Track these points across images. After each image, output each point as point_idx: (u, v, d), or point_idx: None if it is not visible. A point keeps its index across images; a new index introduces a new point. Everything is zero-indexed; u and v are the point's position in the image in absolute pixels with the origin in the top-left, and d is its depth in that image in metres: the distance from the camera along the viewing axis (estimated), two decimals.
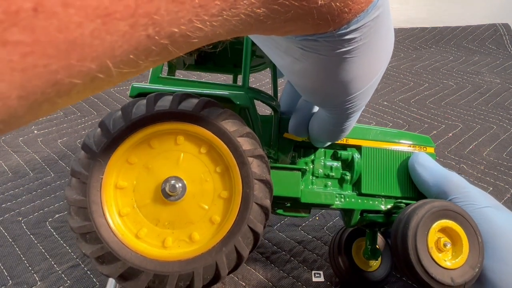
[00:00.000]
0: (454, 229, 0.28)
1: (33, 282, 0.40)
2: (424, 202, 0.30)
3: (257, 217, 0.26)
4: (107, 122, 0.26)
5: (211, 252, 0.25)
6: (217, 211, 0.26)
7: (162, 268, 0.24)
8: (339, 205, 0.34)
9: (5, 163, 0.56)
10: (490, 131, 0.70)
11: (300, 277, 0.41)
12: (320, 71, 0.22)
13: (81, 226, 0.25)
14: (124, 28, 0.12)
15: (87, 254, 0.25)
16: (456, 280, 0.27)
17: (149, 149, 0.26)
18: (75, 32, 0.11)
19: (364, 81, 0.23)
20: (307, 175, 0.35)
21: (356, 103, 0.25)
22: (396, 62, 1.01)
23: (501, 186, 0.57)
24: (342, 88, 0.23)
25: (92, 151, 0.25)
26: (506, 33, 1.17)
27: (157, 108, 0.26)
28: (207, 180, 0.27)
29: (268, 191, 0.27)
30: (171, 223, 0.26)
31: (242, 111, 0.32)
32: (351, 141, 0.36)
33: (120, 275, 0.24)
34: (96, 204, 0.25)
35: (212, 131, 0.26)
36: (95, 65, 0.12)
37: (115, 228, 0.25)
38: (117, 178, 0.26)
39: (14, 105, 0.11)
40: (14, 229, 0.46)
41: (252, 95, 0.32)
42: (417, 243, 0.27)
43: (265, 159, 0.27)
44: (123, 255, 0.24)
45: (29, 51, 0.10)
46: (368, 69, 0.22)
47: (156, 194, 0.26)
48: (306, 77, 0.23)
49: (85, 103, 0.74)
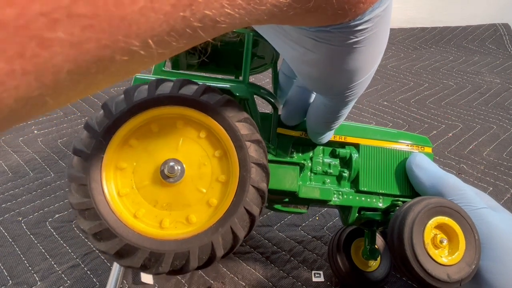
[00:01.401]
0: (451, 226, 0.29)
1: (33, 282, 0.40)
2: (420, 199, 0.30)
3: (253, 200, 0.26)
4: (109, 104, 0.26)
5: (207, 232, 0.25)
6: (214, 195, 0.27)
7: (158, 247, 0.25)
8: (337, 202, 0.34)
9: (5, 163, 0.56)
10: (490, 131, 0.70)
11: (300, 277, 0.41)
12: (330, 61, 0.22)
13: (81, 203, 0.25)
14: (167, 8, 0.12)
15: (85, 230, 0.25)
16: (452, 276, 0.27)
17: (150, 132, 0.27)
18: (128, 8, 0.11)
19: (367, 70, 0.24)
20: (305, 171, 0.35)
21: (356, 91, 0.25)
22: (396, 62, 1.01)
23: (501, 186, 0.57)
24: (347, 77, 0.24)
25: (94, 130, 0.26)
26: (506, 33, 1.17)
27: (158, 92, 0.26)
28: (205, 164, 0.27)
29: (264, 175, 0.27)
30: (169, 204, 0.26)
31: (241, 103, 0.32)
32: (349, 139, 0.36)
33: (117, 252, 0.25)
34: (96, 182, 0.25)
35: (211, 116, 0.27)
36: (138, 42, 0.12)
37: (113, 206, 0.25)
38: (118, 159, 0.26)
39: (62, 79, 0.11)
40: (14, 229, 0.46)
41: (252, 89, 0.32)
42: (413, 239, 0.27)
43: (262, 144, 0.28)
44: (121, 232, 0.25)
45: (89, 24, 0.11)
46: (372, 58, 0.23)
47: (155, 176, 0.26)
48: (315, 66, 0.24)
49: (85, 103, 0.74)
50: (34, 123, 0.66)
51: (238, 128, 0.27)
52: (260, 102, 0.60)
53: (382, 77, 0.92)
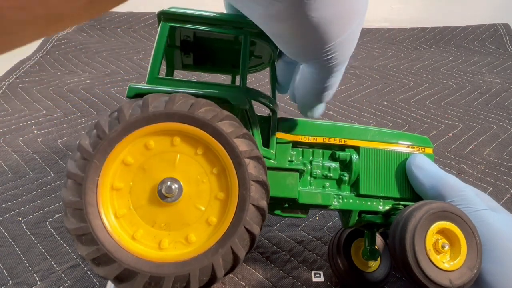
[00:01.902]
0: (452, 231, 0.28)
1: (33, 282, 0.40)
2: (422, 203, 0.30)
3: (253, 219, 0.26)
4: (102, 123, 0.26)
5: (207, 253, 0.25)
6: (213, 213, 0.26)
7: (158, 270, 0.24)
8: (337, 206, 0.34)
9: (5, 163, 0.56)
10: (490, 131, 0.70)
11: (300, 277, 0.41)
12: (294, 10, 0.21)
13: (77, 228, 0.25)
14: None
15: (83, 255, 0.25)
16: (454, 282, 0.27)
17: (146, 150, 0.26)
18: None
19: (340, 27, 0.23)
20: (305, 176, 0.35)
21: (335, 55, 0.24)
22: (396, 62, 1.01)
23: (501, 186, 0.57)
24: (318, 33, 0.23)
25: (88, 152, 0.25)
26: (506, 33, 1.17)
27: (152, 109, 0.26)
28: (203, 181, 0.27)
29: (264, 192, 0.27)
30: (168, 224, 0.26)
31: (240, 111, 0.32)
32: (349, 141, 0.36)
33: (116, 276, 0.24)
34: (92, 205, 0.25)
35: (209, 132, 0.26)
36: None
37: (111, 229, 0.25)
38: (113, 179, 0.26)
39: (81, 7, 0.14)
40: (14, 229, 0.46)
41: (250, 96, 0.31)
42: (415, 245, 0.27)
43: (262, 160, 0.27)
44: (119, 257, 0.24)
45: None
46: (343, 14, 0.22)
47: (153, 195, 0.26)
48: (282, 21, 0.23)
49: (85, 103, 0.74)
50: (34, 123, 0.66)
51: (237, 145, 0.26)
52: None
53: (382, 77, 0.92)
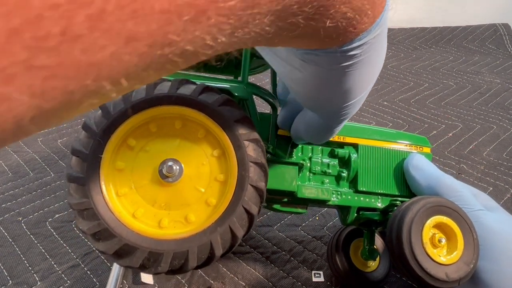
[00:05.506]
0: (449, 225, 0.29)
1: (33, 282, 0.40)
2: (419, 198, 0.30)
3: (252, 199, 0.26)
4: (107, 104, 0.26)
5: (206, 232, 0.25)
6: (213, 194, 0.27)
7: (157, 246, 0.25)
8: (336, 202, 0.34)
9: (5, 163, 0.56)
10: (490, 131, 0.70)
11: (300, 277, 0.41)
12: (318, 81, 0.22)
13: (79, 203, 0.25)
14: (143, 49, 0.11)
15: (84, 230, 0.25)
16: (450, 275, 0.27)
17: (148, 132, 0.27)
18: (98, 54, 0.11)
19: (360, 91, 0.24)
20: (304, 171, 0.35)
21: (349, 110, 0.25)
22: (396, 62, 1.01)
23: (501, 186, 0.57)
24: (338, 98, 0.23)
25: (92, 130, 0.26)
26: (506, 33, 1.17)
27: (156, 91, 0.26)
28: (203, 163, 0.27)
29: (263, 174, 0.27)
30: (168, 204, 0.26)
31: (240, 103, 0.32)
32: (348, 139, 0.36)
33: (115, 251, 0.25)
34: (95, 182, 0.25)
35: (209, 116, 0.27)
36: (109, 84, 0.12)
37: (112, 206, 0.25)
38: (116, 159, 0.27)
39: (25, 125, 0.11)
40: (14, 229, 0.46)
41: (251, 89, 0.32)
42: (412, 239, 0.27)
43: (261, 143, 0.28)
44: (119, 232, 0.25)
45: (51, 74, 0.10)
46: (364, 81, 0.23)
47: (154, 175, 0.26)
48: (304, 85, 0.23)
49: None
50: None
51: (236, 128, 0.27)
52: (260, 102, 0.60)
53: (382, 77, 0.92)
